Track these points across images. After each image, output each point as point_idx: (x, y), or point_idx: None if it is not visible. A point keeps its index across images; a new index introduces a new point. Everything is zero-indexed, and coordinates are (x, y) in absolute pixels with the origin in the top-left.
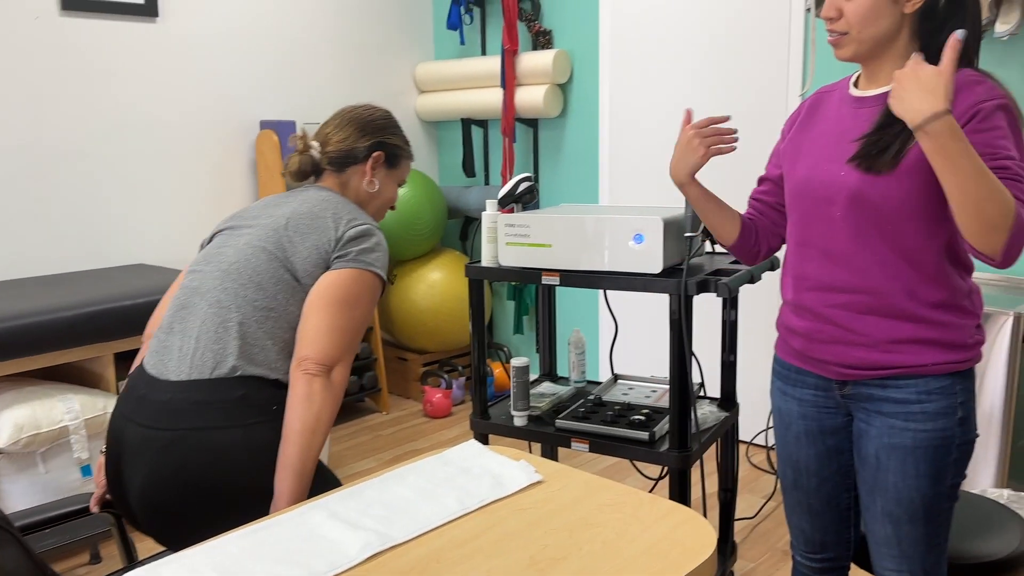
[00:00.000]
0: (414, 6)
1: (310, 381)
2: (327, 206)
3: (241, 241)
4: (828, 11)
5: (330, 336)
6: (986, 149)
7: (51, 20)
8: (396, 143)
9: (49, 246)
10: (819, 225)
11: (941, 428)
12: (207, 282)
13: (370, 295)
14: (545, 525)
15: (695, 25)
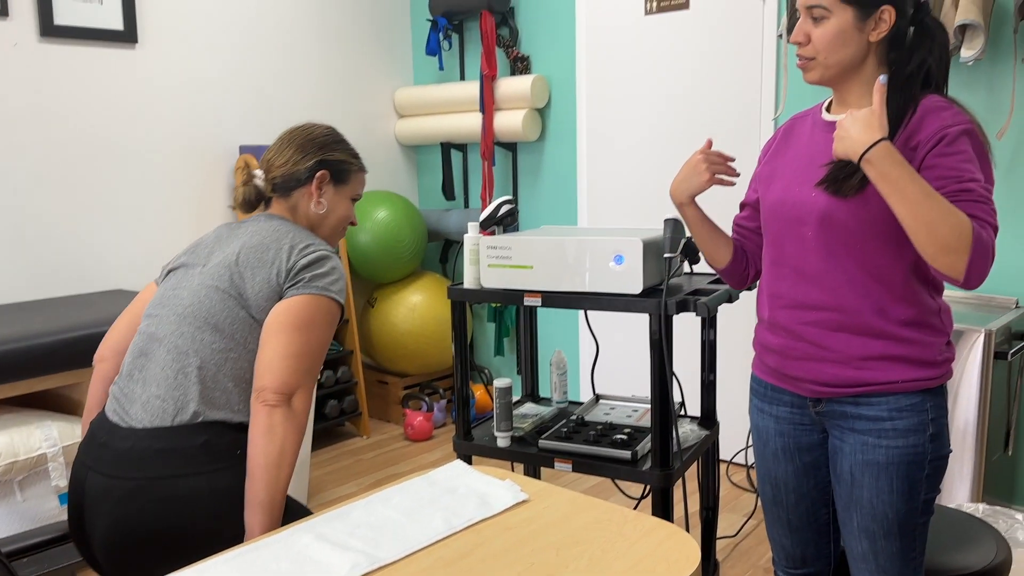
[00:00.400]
0: (393, 32)
1: (270, 412)
2: (276, 236)
3: (195, 282)
4: (797, 36)
5: (286, 363)
6: (951, 172)
7: (29, 46)
8: (340, 158)
9: (27, 272)
10: (792, 245)
11: (913, 444)
12: (163, 327)
13: (326, 319)
14: (532, 543)
15: (670, 51)
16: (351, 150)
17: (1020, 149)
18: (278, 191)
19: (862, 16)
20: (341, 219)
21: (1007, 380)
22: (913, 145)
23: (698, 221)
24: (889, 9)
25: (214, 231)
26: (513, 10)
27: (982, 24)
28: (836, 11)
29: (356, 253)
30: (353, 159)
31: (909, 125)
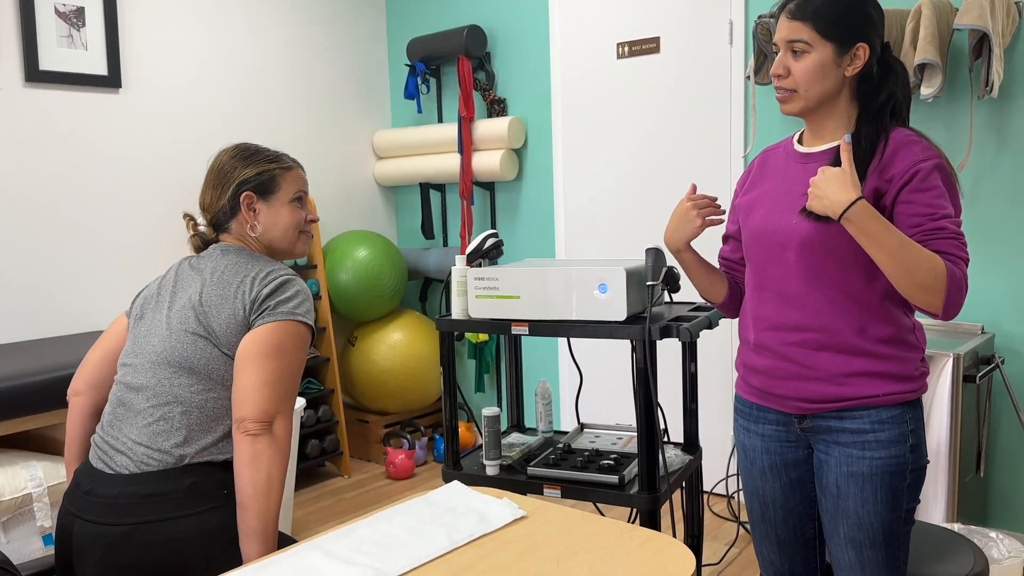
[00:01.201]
0: (372, 76)
1: (253, 442)
2: (236, 269)
3: (163, 327)
4: (777, 69)
5: (262, 391)
6: (925, 209)
7: (14, 91)
8: (256, 172)
9: (8, 313)
10: (774, 270)
11: (895, 455)
12: (140, 376)
13: (296, 342)
14: (532, 555)
15: (642, 93)
16: (267, 156)
17: (980, 181)
18: (219, 230)
19: (840, 52)
20: (290, 227)
21: (976, 403)
22: (888, 177)
23: (695, 264)
24: (864, 46)
25: (176, 267)
26: (490, 55)
27: (939, 63)
28: (817, 46)
29: (336, 292)
30: (271, 164)
31: (883, 157)
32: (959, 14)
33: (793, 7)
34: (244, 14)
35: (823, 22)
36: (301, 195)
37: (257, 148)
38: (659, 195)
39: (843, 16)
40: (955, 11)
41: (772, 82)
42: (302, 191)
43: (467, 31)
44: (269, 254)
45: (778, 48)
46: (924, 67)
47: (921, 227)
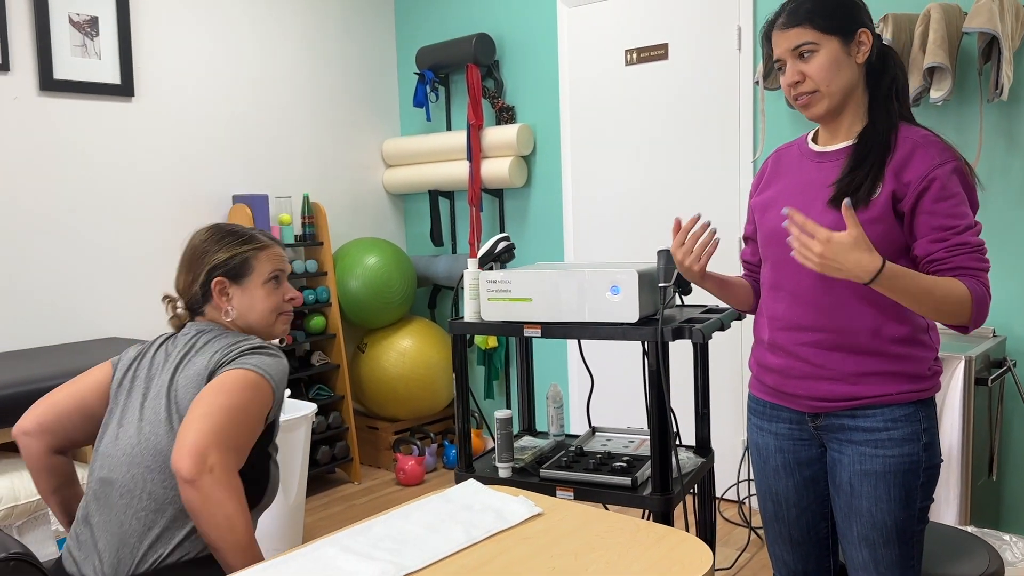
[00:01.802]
0: (381, 85)
1: (193, 488)
2: (206, 349)
3: (135, 415)
4: (792, 77)
5: (195, 425)
6: (947, 222)
7: (29, 100)
8: (228, 255)
9: (22, 320)
10: (788, 270)
11: (908, 453)
12: (116, 471)
13: (246, 387)
14: (550, 551)
15: (651, 99)
16: (240, 237)
17: (990, 185)
18: (195, 314)
19: (846, 42)
20: (265, 311)
21: (988, 406)
22: (905, 182)
23: (718, 288)
24: (865, 31)
25: (154, 349)
26: (498, 63)
27: (949, 67)
28: (823, 43)
29: (346, 299)
30: (243, 246)
31: (896, 155)
32: (968, 18)
33: (784, 19)
34: (255, 24)
35: (821, 18)
36: (278, 274)
37: (231, 229)
38: (668, 201)
39: (836, 8)
40: (964, 15)
41: (783, 91)
42: (279, 270)
43: (476, 39)
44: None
45: (781, 63)
46: (934, 71)
47: (944, 242)
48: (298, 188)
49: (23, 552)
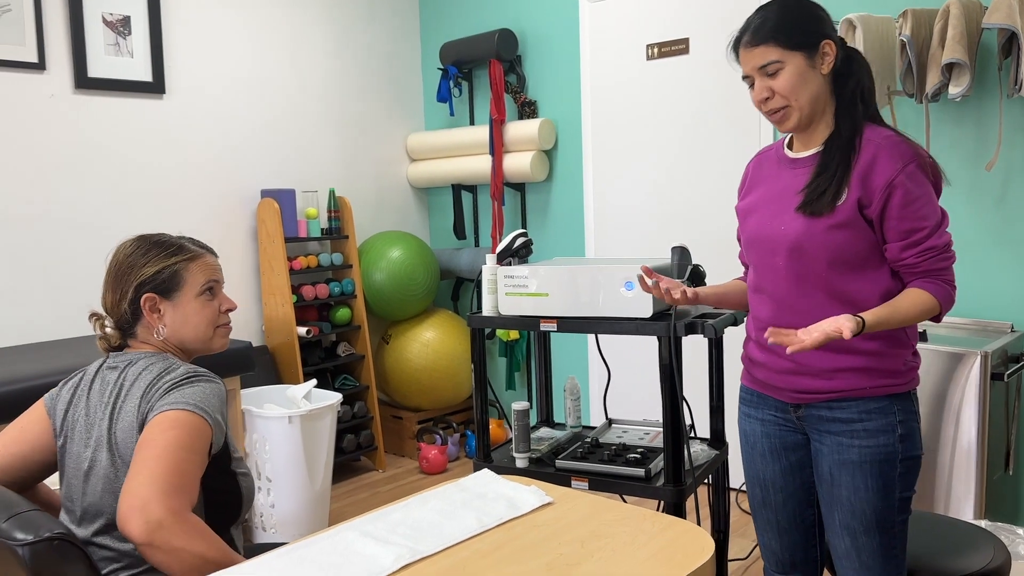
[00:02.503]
0: (405, 81)
1: (152, 548)
2: (137, 388)
3: (86, 468)
4: (761, 93)
5: (129, 486)
6: (912, 225)
7: (65, 98)
8: (156, 269)
9: (57, 312)
10: (768, 274)
11: (883, 444)
12: (81, 529)
13: (175, 427)
14: (559, 538)
15: (672, 93)
16: (168, 249)
17: (1009, 180)
18: (125, 334)
19: (810, 55)
20: (200, 325)
21: (1005, 401)
22: (871, 187)
23: (715, 300)
24: (828, 43)
25: (87, 387)
26: (520, 58)
27: (967, 62)
28: (788, 60)
29: (371, 291)
30: (171, 259)
31: (862, 158)
32: (987, 13)
33: (748, 37)
34: (283, 23)
35: (784, 36)
36: (212, 285)
37: (158, 239)
38: (689, 195)
39: (799, 23)
40: (984, 10)
41: (755, 106)
42: (213, 280)
43: (498, 35)
44: (183, 354)
45: (750, 80)
46: (952, 66)
47: (915, 247)
48: (324, 182)
49: (64, 532)
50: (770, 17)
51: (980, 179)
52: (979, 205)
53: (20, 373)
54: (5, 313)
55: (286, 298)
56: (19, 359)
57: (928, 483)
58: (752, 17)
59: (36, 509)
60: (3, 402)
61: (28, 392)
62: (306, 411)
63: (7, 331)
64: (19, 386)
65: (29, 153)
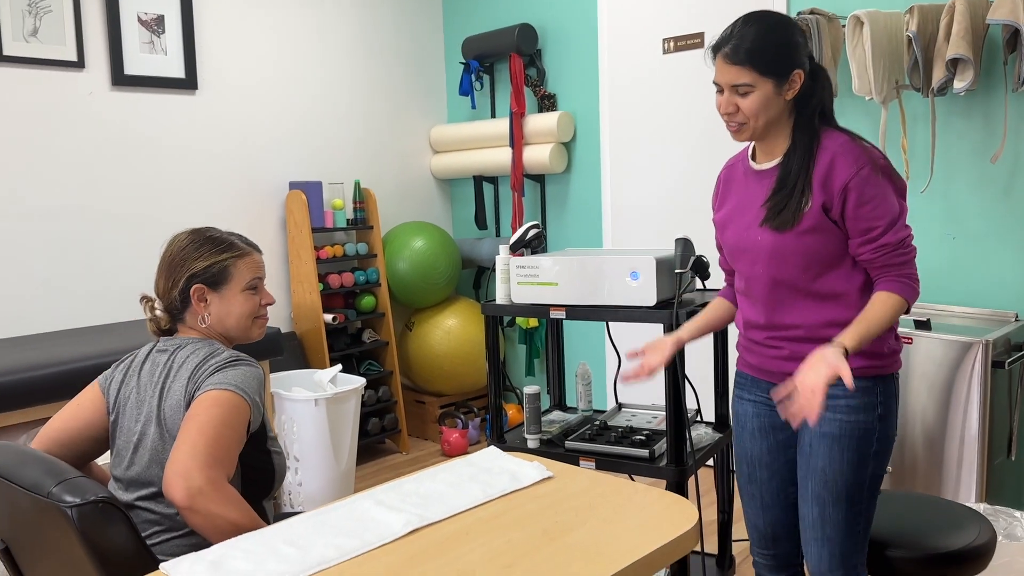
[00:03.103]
0: (429, 75)
1: (191, 512)
2: (182, 371)
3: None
4: (726, 107)
5: (175, 455)
6: (870, 224)
7: (102, 95)
8: (207, 264)
9: (98, 299)
10: (751, 279)
11: (863, 420)
12: (128, 494)
13: (219, 405)
14: (555, 508)
15: (687, 86)
16: (219, 245)
17: (1016, 171)
18: (174, 319)
19: (780, 83)
20: (242, 316)
21: (1008, 388)
22: (831, 191)
23: (699, 333)
24: (799, 72)
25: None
26: (540, 52)
27: (971, 58)
28: (759, 85)
29: (394, 280)
30: (222, 255)
31: (820, 164)
32: (991, 9)
33: (728, 51)
34: (309, 20)
35: (761, 62)
36: (256, 282)
37: (211, 235)
38: (704, 188)
39: (777, 53)
40: (990, 5)
41: (717, 109)
42: (257, 278)
43: (518, 29)
44: (225, 340)
45: (720, 87)
46: (957, 61)
47: (871, 243)
48: (350, 174)
49: (108, 496)
50: (753, 38)
51: (987, 171)
52: (985, 197)
53: (63, 356)
54: (48, 300)
55: (313, 286)
56: (62, 343)
57: (934, 468)
58: (737, 29)
59: (83, 476)
60: (46, 383)
61: (69, 374)
62: (331, 394)
63: (50, 317)
64: (61, 368)
65: (70, 148)
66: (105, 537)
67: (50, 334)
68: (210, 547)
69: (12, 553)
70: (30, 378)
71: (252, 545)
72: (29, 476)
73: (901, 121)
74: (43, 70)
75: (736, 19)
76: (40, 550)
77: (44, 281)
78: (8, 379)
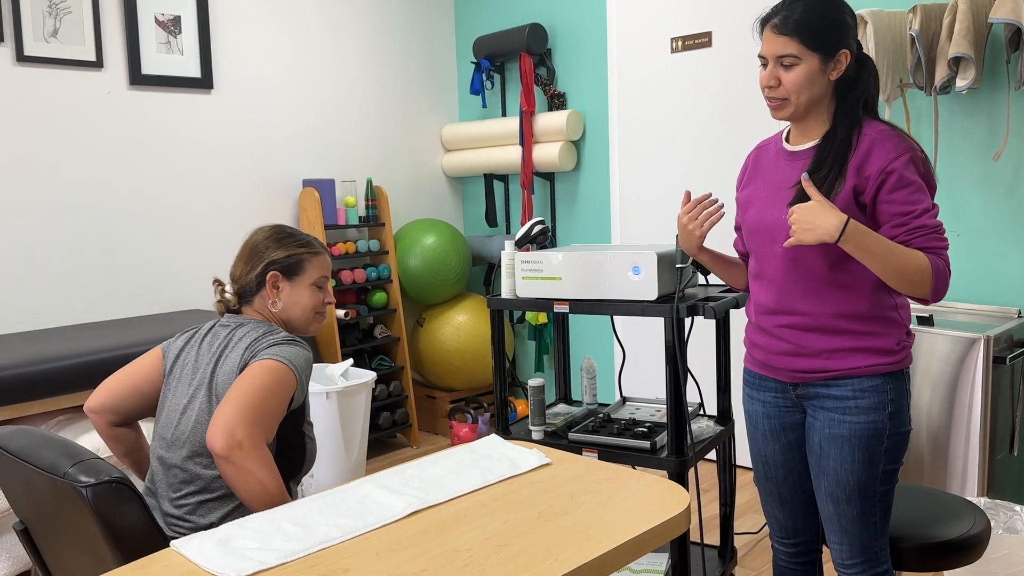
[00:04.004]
0: (440, 74)
1: (227, 462)
2: (240, 344)
3: (185, 403)
4: (769, 80)
5: (221, 411)
6: (905, 208)
7: (120, 94)
8: (286, 254)
9: (115, 293)
10: (768, 261)
11: (873, 420)
12: (170, 453)
13: (269, 372)
14: (551, 493)
15: (695, 85)
16: (298, 241)
17: (1019, 169)
18: (243, 301)
19: (825, 60)
20: (307, 308)
21: (1010, 384)
22: (865, 176)
23: (713, 262)
24: (846, 52)
25: (200, 340)
26: (550, 51)
27: (973, 56)
28: (805, 58)
29: (406, 276)
30: (300, 249)
31: (859, 151)
32: (993, 8)
33: (778, 22)
34: (323, 20)
35: (809, 35)
36: (323, 281)
37: (291, 232)
38: (711, 185)
39: (826, 27)
40: (992, 4)
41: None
42: (325, 276)
43: (529, 29)
44: (284, 327)
45: (765, 60)
46: (959, 60)
47: (904, 226)
48: (362, 172)
49: (121, 476)
50: (803, 11)
51: (990, 169)
52: (989, 194)
53: (80, 349)
54: (66, 295)
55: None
56: (80, 337)
57: (937, 462)
58: (788, 2)
59: (97, 457)
60: (63, 376)
61: (86, 367)
62: (342, 388)
63: (68, 311)
64: (79, 360)
65: (88, 146)
66: (119, 516)
67: (68, 327)
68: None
69: (31, 533)
70: (48, 370)
71: (259, 524)
72: (46, 458)
73: (905, 120)
74: (63, 70)
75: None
76: (57, 530)
77: (62, 276)
78: (27, 371)
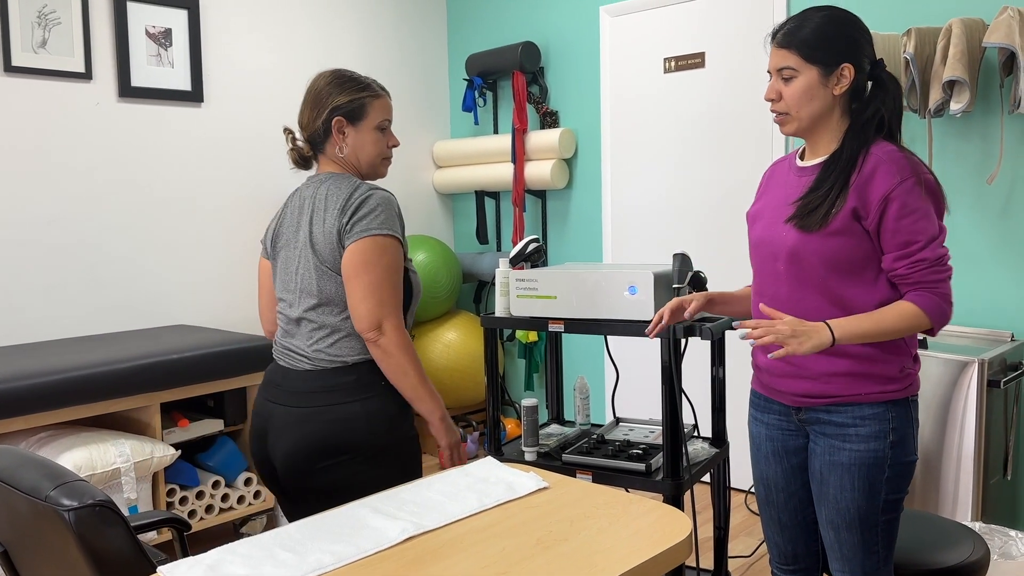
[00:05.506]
0: (432, 91)
1: (375, 345)
2: (326, 203)
3: (294, 264)
4: (770, 94)
5: (363, 304)
6: (907, 238)
7: (109, 106)
8: (347, 99)
9: (102, 308)
10: (769, 278)
11: (874, 449)
12: (292, 311)
13: (382, 253)
14: (550, 517)
15: (688, 105)
16: (359, 84)
17: (1012, 193)
18: (315, 148)
19: (826, 73)
20: (374, 153)
21: (1004, 408)
22: (866, 200)
23: (720, 306)
24: (848, 66)
25: (286, 206)
26: (543, 69)
27: (967, 80)
28: (803, 71)
29: None
30: (360, 92)
31: (863, 171)
32: (988, 32)
33: (781, 36)
34: (316, 34)
35: (807, 48)
36: (386, 124)
37: (351, 75)
38: (703, 204)
39: (826, 41)
40: (986, 29)
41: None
42: (387, 119)
43: (522, 47)
44: (355, 173)
45: (770, 75)
46: (953, 83)
47: (907, 259)
48: None
49: (105, 500)
50: (805, 25)
51: (983, 192)
52: (982, 217)
53: (65, 364)
54: (51, 308)
55: None
56: (64, 352)
57: (930, 486)
58: (797, 15)
59: (81, 479)
60: (47, 391)
61: (71, 383)
62: None
63: (53, 325)
64: (63, 376)
65: (76, 158)
66: (103, 540)
67: (52, 342)
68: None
69: (11, 557)
70: (31, 385)
71: (249, 550)
72: (27, 479)
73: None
74: (51, 81)
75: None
76: (39, 554)
77: (47, 289)
78: (9, 386)
